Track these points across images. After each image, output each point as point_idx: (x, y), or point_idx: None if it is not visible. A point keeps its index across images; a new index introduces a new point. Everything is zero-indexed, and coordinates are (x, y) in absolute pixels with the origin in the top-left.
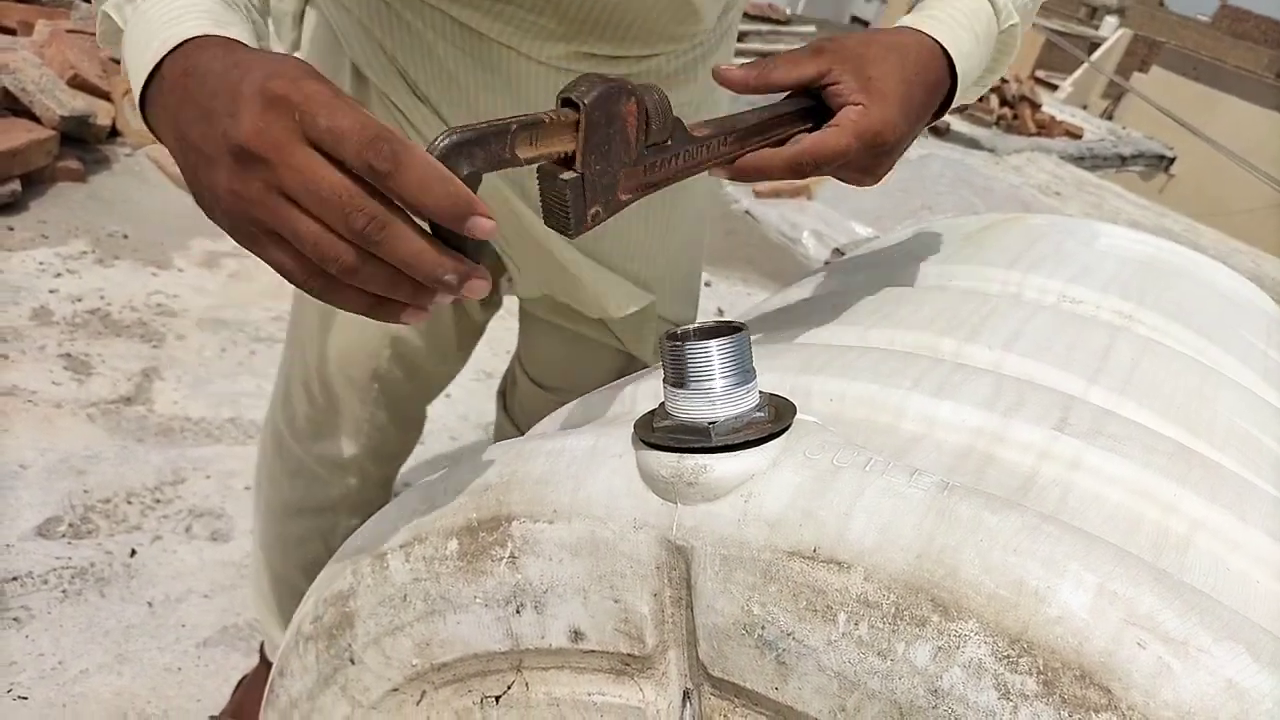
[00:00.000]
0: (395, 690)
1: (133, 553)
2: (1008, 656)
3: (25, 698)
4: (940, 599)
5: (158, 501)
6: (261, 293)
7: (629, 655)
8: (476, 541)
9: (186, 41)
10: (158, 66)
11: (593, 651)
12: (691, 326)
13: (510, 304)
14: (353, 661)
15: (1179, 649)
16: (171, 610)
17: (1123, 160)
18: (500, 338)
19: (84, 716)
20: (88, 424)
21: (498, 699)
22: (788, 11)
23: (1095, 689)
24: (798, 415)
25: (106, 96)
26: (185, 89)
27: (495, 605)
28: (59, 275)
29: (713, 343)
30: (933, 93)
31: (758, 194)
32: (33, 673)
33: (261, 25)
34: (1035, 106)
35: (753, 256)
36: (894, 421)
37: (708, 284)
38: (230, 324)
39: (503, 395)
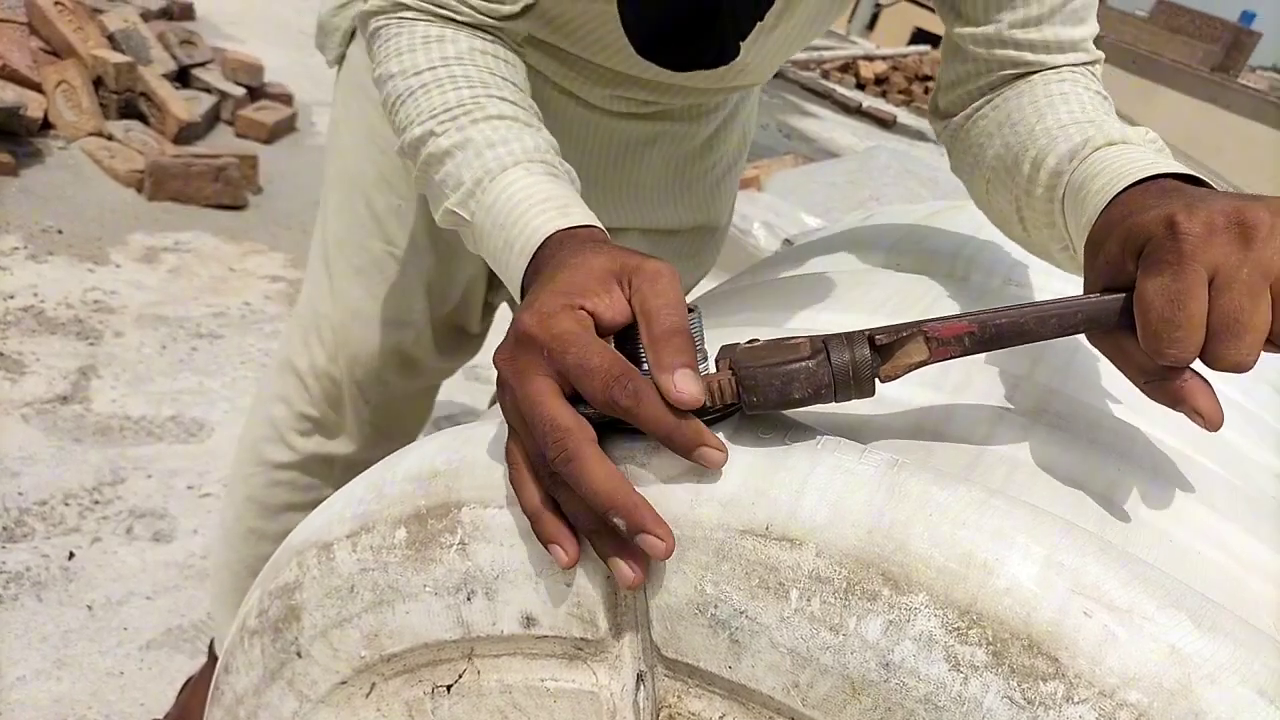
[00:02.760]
0: (344, 683)
1: (71, 555)
2: (957, 628)
3: None
4: (891, 573)
5: (96, 503)
6: (202, 288)
7: (582, 639)
8: (425, 529)
9: (541, 246)
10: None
11: (545, 637)
12: None
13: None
14: (299, 655)
15: (1124, 617)
16: (113, 613)
17: None
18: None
19: None
20: (21, 425)
21: (449, 688)
22: None
23: (1043, 658)
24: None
25: (38, 88)
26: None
27: (445, 593)
28: None
29: None
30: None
31: None
32: None
33: (575, 175)
34: None
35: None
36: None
37: None
38: (170, 320)
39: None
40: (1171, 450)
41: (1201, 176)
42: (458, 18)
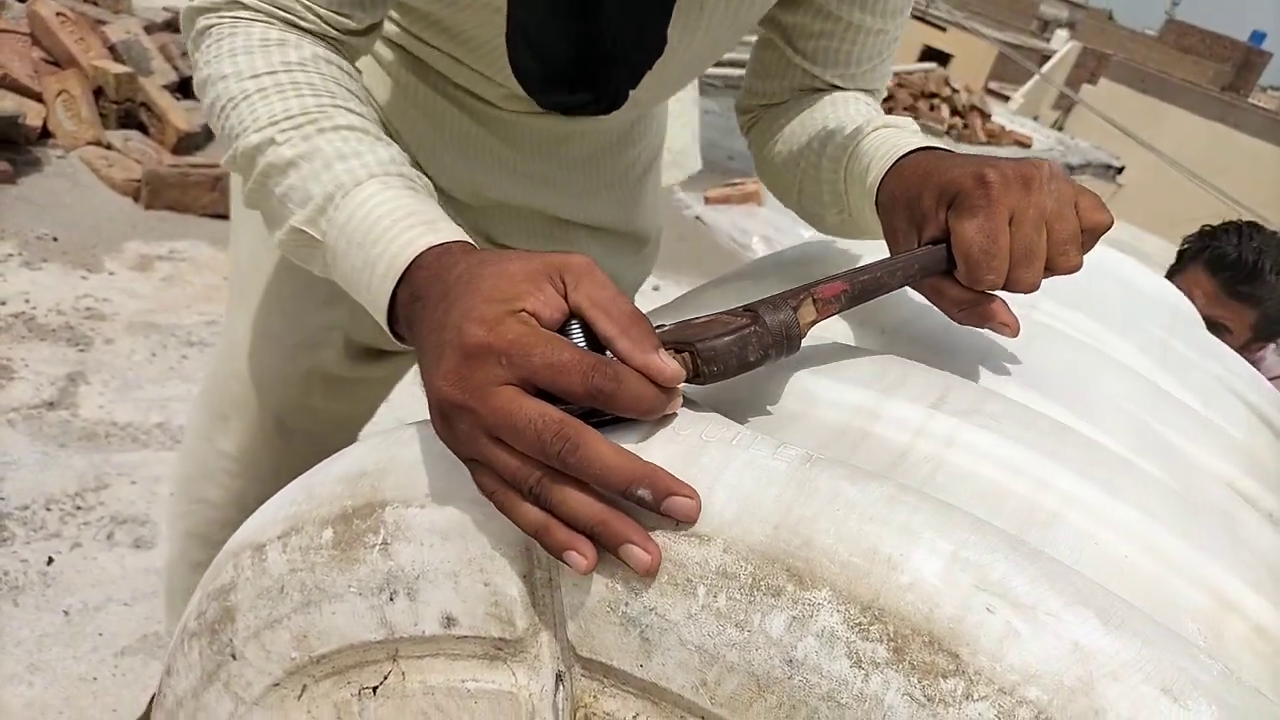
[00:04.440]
0: (276, 685)
1: (50, 560)
2: (859, 624)
3: None
4: (795, 568)
5: (79, 508)
6: (195, 297)
7: (500, 639)
8: (350, 529)
9: (410, 266)
10: (393, 296)
11: (465, 637)
12: None
13: None
14: (234, 657)
15: (1027, 613)
16: (89, 619)
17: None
18: None
19: None
20: (7, 429)
21: (375, 690)
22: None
23: (944, 654)
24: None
25: (37, 97)
26: (410, 320)
27: (369, 594)
28: None
29: (576, 323)
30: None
31: (708, 200)
32: None
33: (432, 190)
34: (985, 116)
35: (703, 261)
36: (776, 398)
37: (656, 288)
38: (162, 328)
39: None
40: (1109, 454)
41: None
42: (301, 24)
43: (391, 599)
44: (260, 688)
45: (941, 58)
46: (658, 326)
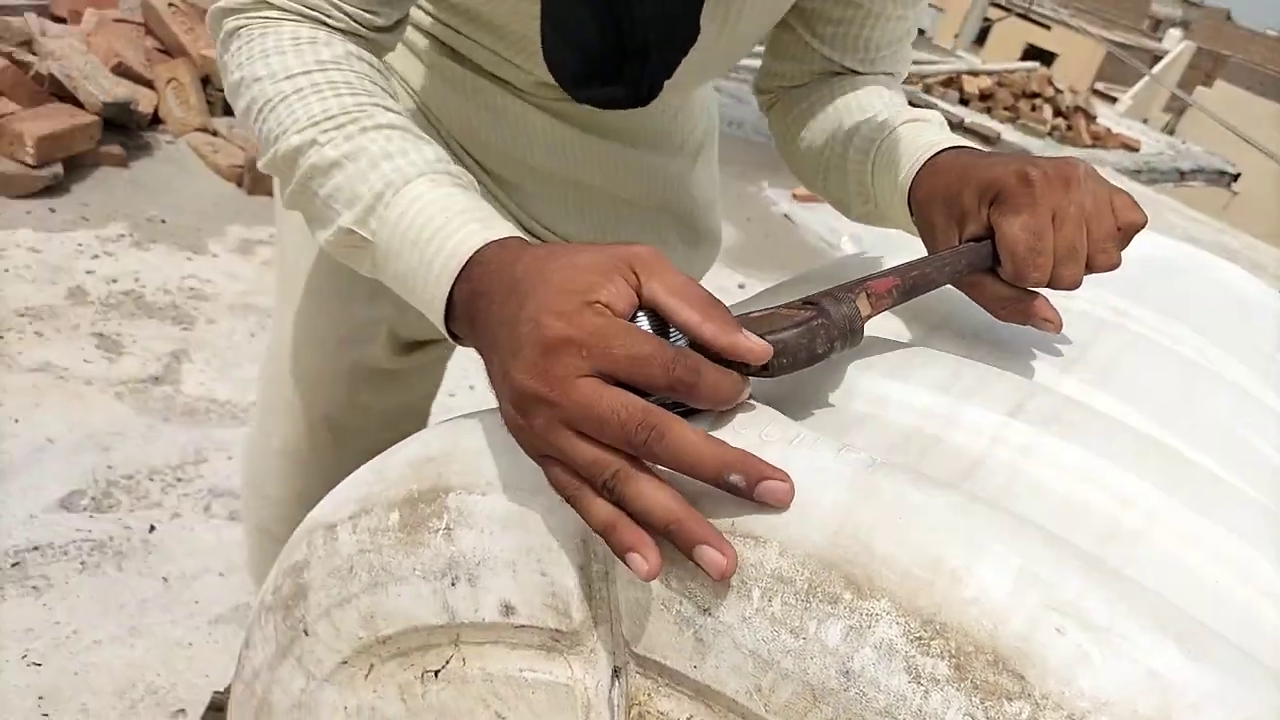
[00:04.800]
0: (345, 663)
1: (151, 528)
2: (919, 638)
3: (39, 664)
4: (853, 576)
5: (179, 480)
6: None
7: (557, 631)
8: (416, 513)
9: (467, 262)
10: (450, 295)
11: (523, 626)
12: None
13: None
14: (306, 633)
15: (1100, 636)
16: (186, 586)
17: (1181, 175)
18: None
19: (94, 686)
20: (115, 402)
21: (436, 674)
22: None
23: (1009, 675)
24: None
25: (149, 84)
26: (473, 316)
27: (432, 577)
28: (96, 257)
29: (642, 314)
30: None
31: (796, 197)
32: (47, 641)
33: (476, 185)
34: (1091, 118)
35: (790, 261)
36: (843, 400)
37: (741, 286)
38: (261, 309)
39: None
40: (1202, 472)
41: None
42: (330, 22)
43: (453, 584)
44: (330, 664)
45: (1045, 57)
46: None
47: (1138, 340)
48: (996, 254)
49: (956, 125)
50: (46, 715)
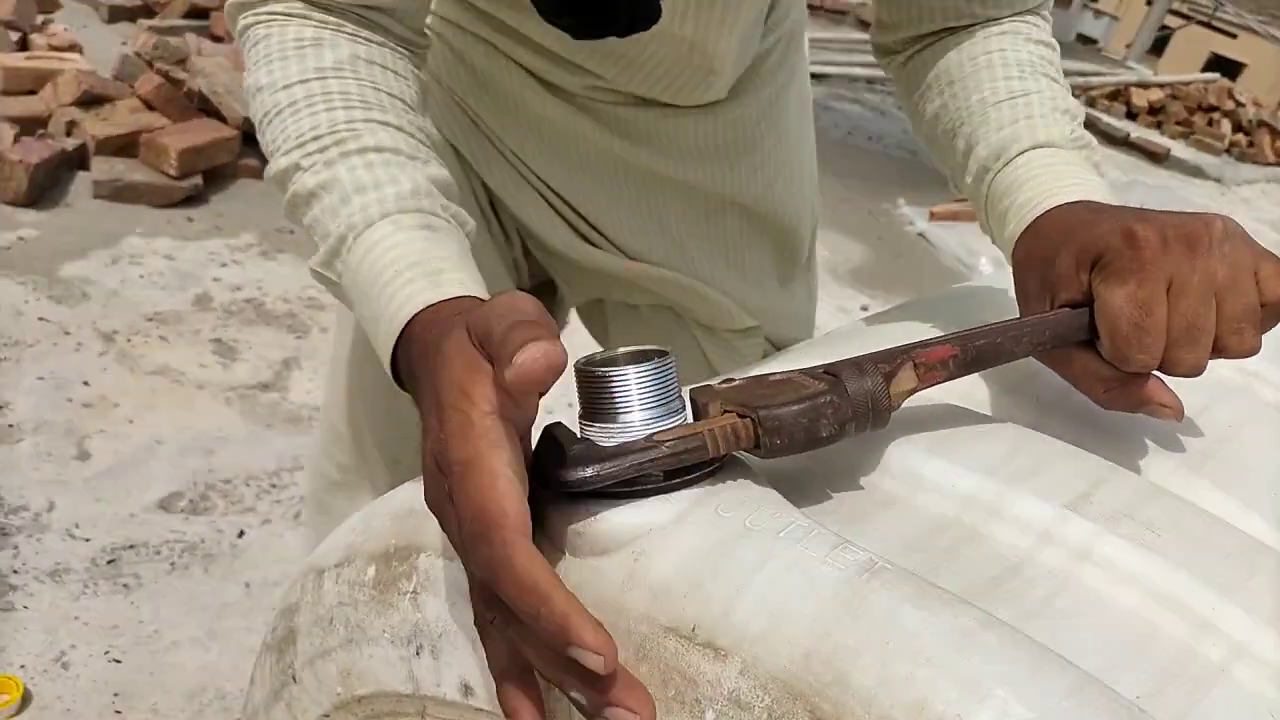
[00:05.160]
0: (326, 716)
1: (241, 534)
2: None
3: (119, 661)
4: (820, 712)
5: (273, 486)
6: None
7: None
8: (390, 571)
9: (406, 325)
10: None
11: (482, 710)
12: (605, 353)
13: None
14: (294, 679)
15: None
16: (267, 593)
17: None
18: None
19: (168, 685)
20: (225, 406)
21: None
22: None
23: None
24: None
25: None
26: (412, 382)
27: (400, 643)
28: (224, 265)
29: (630, 370)
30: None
31: (934, 216)
32: (130, 638)
33: (465, 218)
34: (1277, 134)
35: (920, 283)
36: (875, 479)
37: (864, 308)
38: None
39: None
40: None
41: (1105, 192)
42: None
43: (418, 653)
44: (314, 716)
45: (1231, 67)
46: (725, 381)
47: (1264, 412)
48: (1094, 325)
49: (1121, 141)
50: (119, 712)
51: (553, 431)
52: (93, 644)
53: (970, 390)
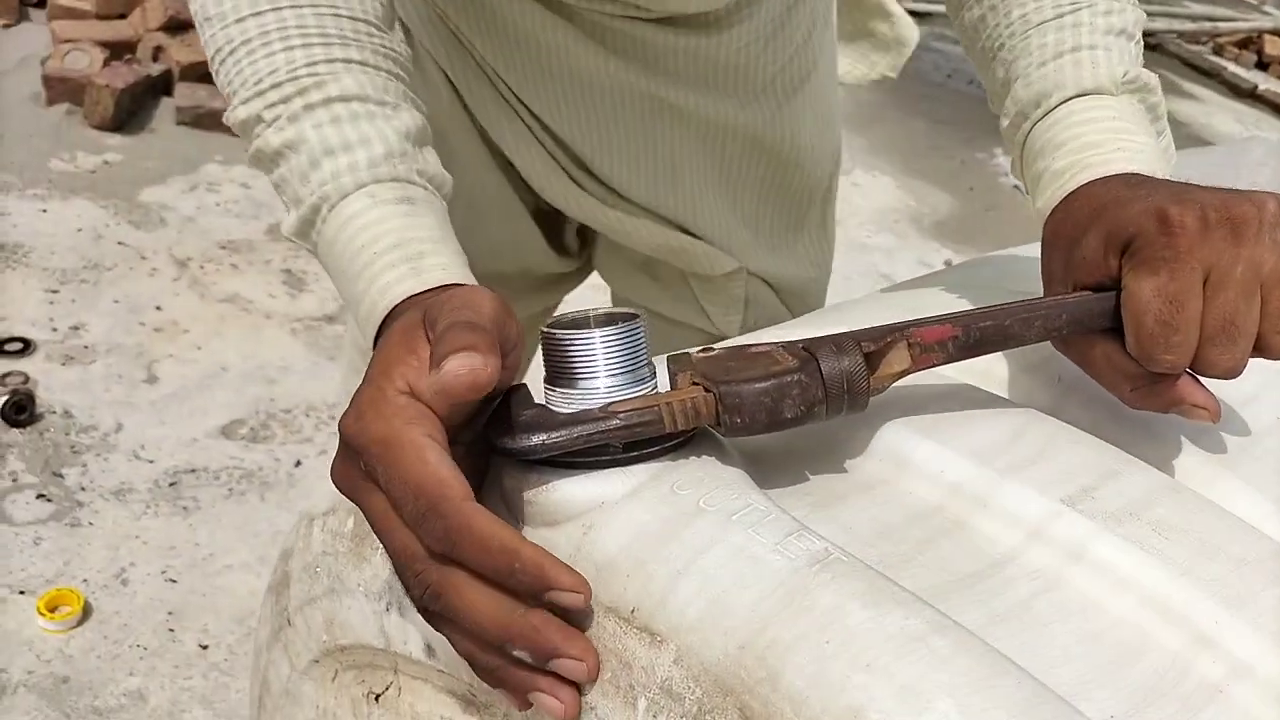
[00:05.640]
0: (316, 661)
1: (297, 463)
2: None
3: (175, 581)
4: (749, 709)
5: (332, 418)
6: None
7: (471, 685)
8: (365, 525)
9: (387, 316)
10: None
11: (443, 672)
12: (575, 313)
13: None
14: (289, 623)
15: None
16: None
17: None
18: None
19: (218, 607)
20: (289, 337)
21: (378, 698)
22: None
23: None
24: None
25: None
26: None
27: (372, 598)
28: None
29: (597, 333)
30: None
31: None
32: (186, 559)
33: (442, 177)
34: None
35: (1008, 237)
36: (860, 460)
37: (947, 262)
38: None
39: None
40: None
41: (1153, 156)
42: None
43: (388, 609)
44: (306, 660)
45: None
46: (704, 350)
47: None
48: (1119, 313)
49: (1247, 93)
50: (172, 630)
51: (510, 396)
52: (151, 563)
53: (989, 368)
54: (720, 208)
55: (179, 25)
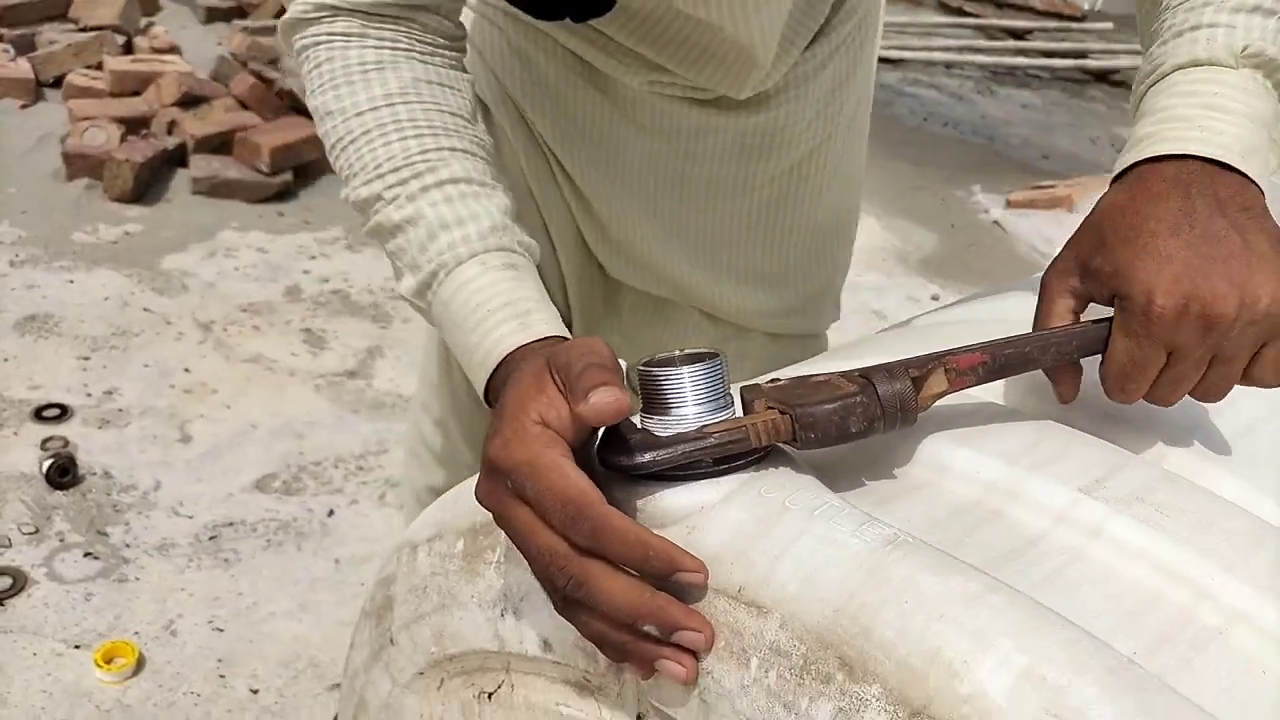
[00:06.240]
0: (421, 674)
1: (330, 513)
2: None
3: (222, 630)
4: (848, 658)
5: (360, 469)
6: None
7: (587, 672)
8: (476, 543)
9: (500, 363)
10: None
11: (559, 663)
12: (664, 354)
13: None
14: (392, 642)
15: None
16: (354, 569)
17: None
18: None
19: (265, 654)
20: (314, 393)
21: (490, 696)
22: (1085, 6)
23: None
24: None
25: None
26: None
27: (486, 606)
28: (313, 258)
29: (685, 369)
30: (1182, 192)
31: (1011, 204)
32: (231, 609)
33: (534, 246)
34: None
35: (993, 272)
36: (906, 468)
37: (935, 298)
38: None
39: None
40: None
41: (1239, 137)
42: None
43: (503, 615)
44: (410, 673)
45: None
46: (771, 381)
47: None
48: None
49: None
50: (223, 676)
51: (617, 424)
52: (198, 614)
53: (1004, 390)
54: (735, 278)
55: (192, 100)
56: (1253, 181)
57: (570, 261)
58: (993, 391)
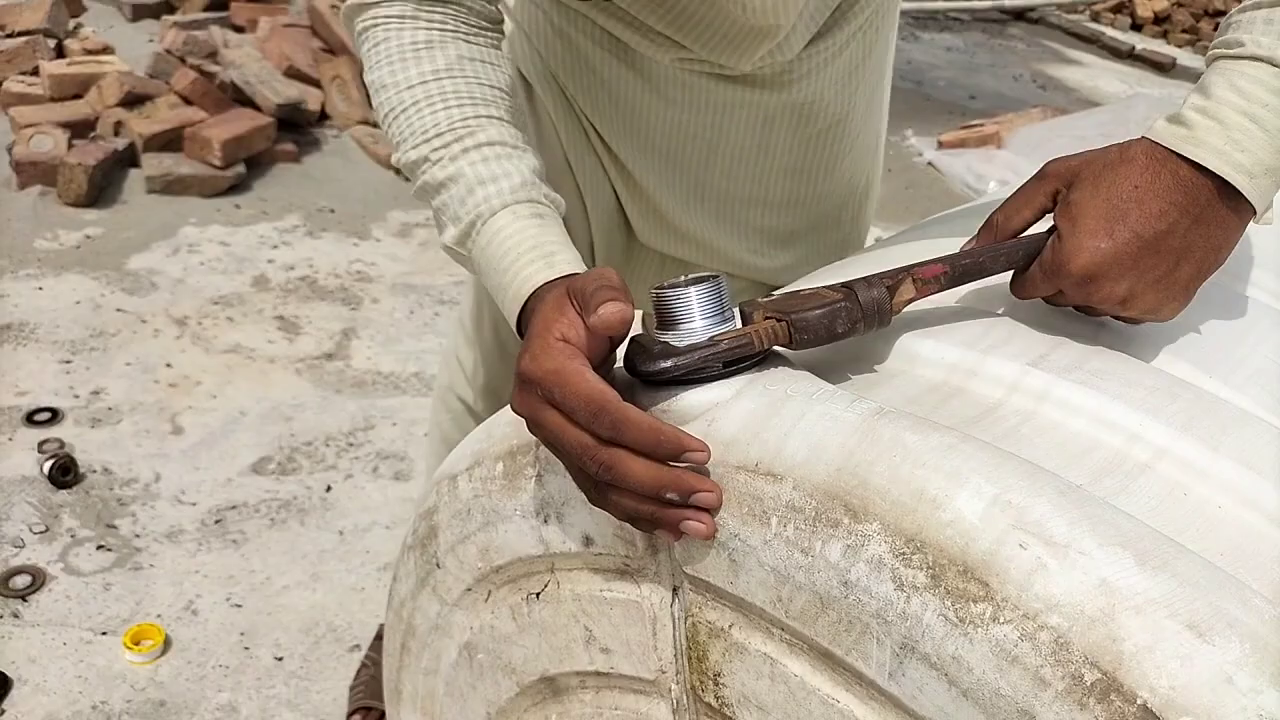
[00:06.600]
0: (469, 590)
1: (328, 488)
2: (903, 554)
3: (240, 605)
4: (851, 504)
5: (350, 445)
6: (447, 260)
7: (627, 557)
8: (515, 463)
9: (528, 299)
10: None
11: (601, 554)
12: (673, 279)
13: None
14: (438, 566)
15: (1059, 551)
16: (359, 538)
17: None
18: None
19: (285, 624)
20: (295, 377)
21: (538, 595)
22: None
23: (975, 582)
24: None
25: (316, 84)
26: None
27: (529, 515)
28: (276, 247)
29: (691, 289)
30: (1174, 206)
31: (942, 145)
32: (245, 586)
33: (559, 200)
34: None
35: (931, 210)
36: (881, 359)
37: (878, 239)
38: (418, 289)
39: None
40: (1228, 410)
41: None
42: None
43: (545, 521)
44: (458, 591)
45: None
46: (766, 296)
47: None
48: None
49: (1126, 54)
50: (247, 648)
51: (638, 339)
52: (215, 593)
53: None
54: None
55: (135, 99)
56: (1249, 204)
57: (600, 227)
58: (952, 296)
